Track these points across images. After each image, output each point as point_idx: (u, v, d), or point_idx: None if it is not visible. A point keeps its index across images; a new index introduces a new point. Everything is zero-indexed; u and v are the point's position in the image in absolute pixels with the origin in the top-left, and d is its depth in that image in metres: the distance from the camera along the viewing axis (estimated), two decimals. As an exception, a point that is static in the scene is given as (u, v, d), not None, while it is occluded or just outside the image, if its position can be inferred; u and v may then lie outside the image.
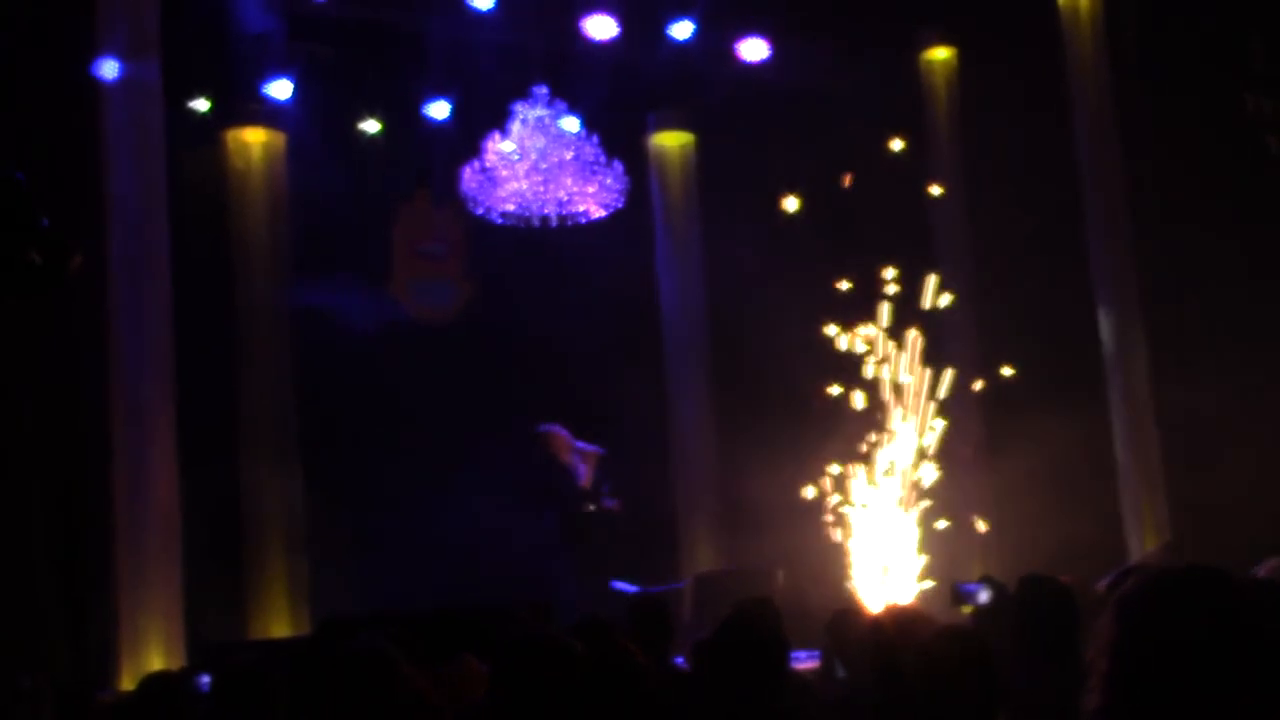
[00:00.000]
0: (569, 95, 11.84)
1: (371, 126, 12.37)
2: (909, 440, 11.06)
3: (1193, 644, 1.86)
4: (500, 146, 11.51)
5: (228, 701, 4.33)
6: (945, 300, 11.47)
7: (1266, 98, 11.36)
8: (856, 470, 11.07)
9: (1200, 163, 11.48)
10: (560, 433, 10.96)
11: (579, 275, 12.58)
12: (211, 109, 11.64)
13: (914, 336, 11.15)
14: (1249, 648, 1.86)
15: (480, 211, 11.73)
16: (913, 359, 11.14)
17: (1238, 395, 10.94)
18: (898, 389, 11.12)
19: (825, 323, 11.30)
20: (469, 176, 11.58)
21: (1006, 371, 11.76)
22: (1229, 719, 1.84)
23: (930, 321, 11.44)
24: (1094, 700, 1.95)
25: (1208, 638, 1.86)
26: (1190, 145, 11.57)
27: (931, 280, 11.32)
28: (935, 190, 11.97)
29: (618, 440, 11.41)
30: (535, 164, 11.52)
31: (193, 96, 11.43)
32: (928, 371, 11.22)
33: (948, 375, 11.14)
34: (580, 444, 11.01)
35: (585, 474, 10.91)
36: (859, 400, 11.08)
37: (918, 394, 11.11)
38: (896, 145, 12.26)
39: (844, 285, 11.32)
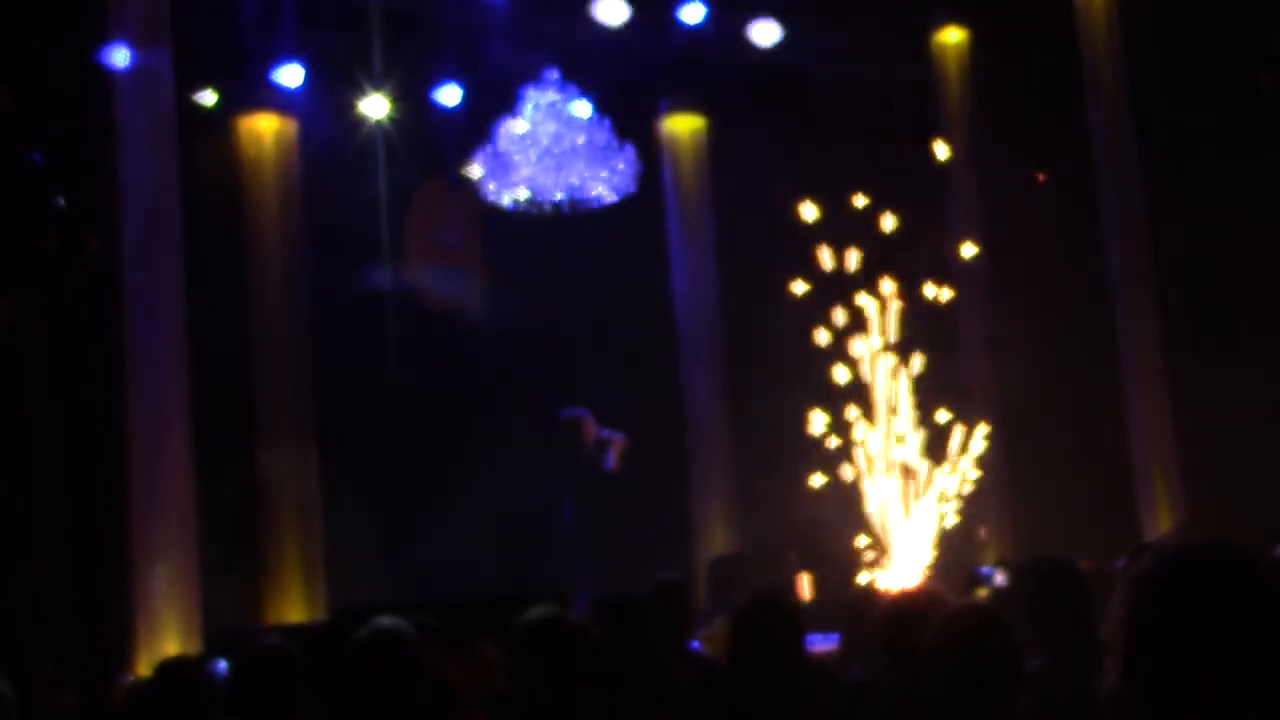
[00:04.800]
0: (580, 79, 11.84)
1: (382, 112, 12.38)
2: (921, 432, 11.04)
3: (1207, 621, 1.87)
4: (512, 127, 11.52)
5: (247, 684, 4.37)
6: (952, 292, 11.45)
7: (1283, 77, 11.34)
8: (872, 456, 11.06)
9: (1217, 143, 11.45)
10: (587, 417, 10.96)
11: (591, 260, 12.59)
12: (222, 97, 11.66)
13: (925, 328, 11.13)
14: (1263, 625, 1.87)
15: (492, 197, 11.74)
16: (925, 348, 11.11)
17: (1256, 375, 10.92)
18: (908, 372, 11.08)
19: (836, 310, 11.28)
20: (482, 162, 11.59)
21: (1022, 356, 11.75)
22: (1245, 697, 1.85)
23: (943, 311, 11.44)
24: (1110, 680, 1.96)
25: (1222, 615, 1.87)
26: (1206, 125, 11.54)
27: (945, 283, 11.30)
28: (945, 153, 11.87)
29: (630, 423, 11.42)
30: (547, 149, 11.52)
31: (203, 85, 11.45)
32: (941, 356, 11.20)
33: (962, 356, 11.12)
34: (604, 431, 11.01)
35: (612, 460, 10.92)
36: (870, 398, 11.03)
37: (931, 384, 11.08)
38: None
39: (853, 268, 11.27)
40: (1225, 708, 1.84)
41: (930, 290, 11.25)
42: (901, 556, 10.68)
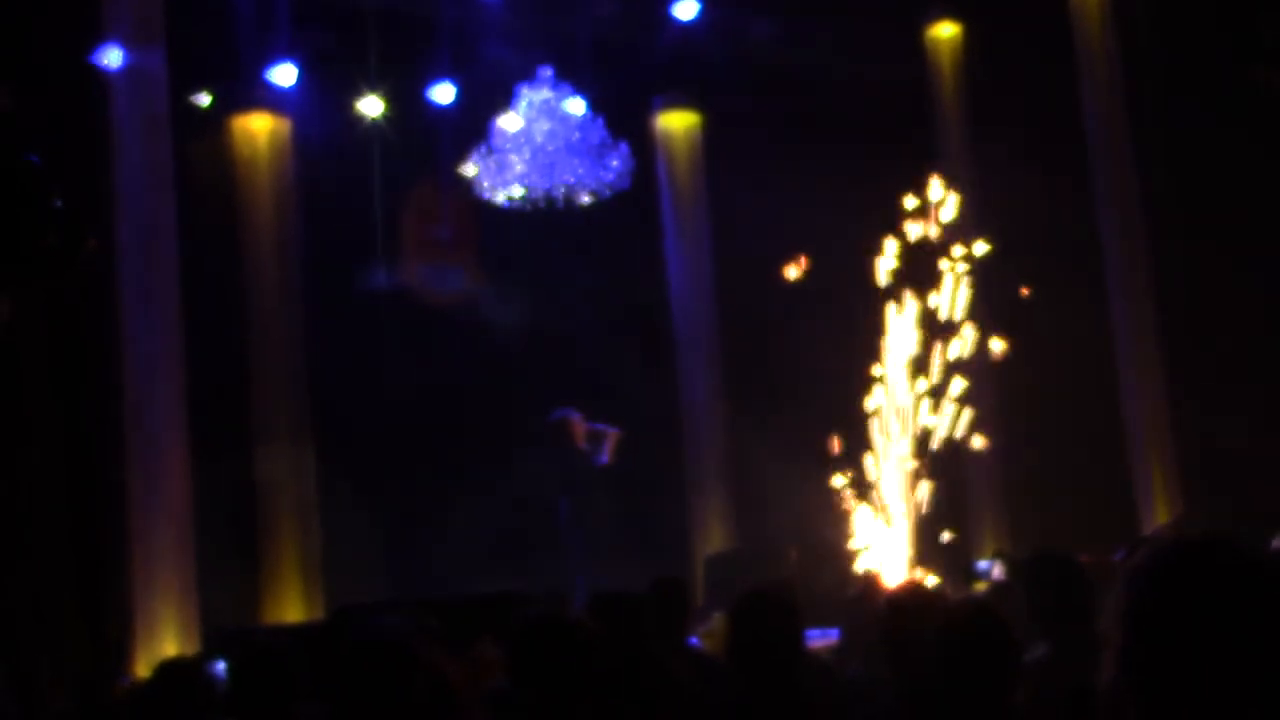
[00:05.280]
0: (574, 77, 11.84)
1: (376, 110, 12.37)
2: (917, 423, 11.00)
3: (1204, 614, 1.87)
4: (506, 125, 11.52)
5: (245, 684, 4.37)
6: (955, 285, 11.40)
7: (1277, 71, 11.33)
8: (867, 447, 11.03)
9: (1213, 137, 11.45)
10: (574, 417, 10.96)
11: (586, 258, 12.59)
12: (216, 97, 11.65)
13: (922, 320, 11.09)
14: (1260, 618, 1.87)
15: (487, 195, 11.73)
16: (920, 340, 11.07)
17: (1254, 368, 10.94)
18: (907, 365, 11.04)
19: (835, 303, 11.25)
20: (476, 159, 11.58)
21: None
22: (1243, 691, 1.85)
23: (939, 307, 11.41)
24: (1108, 673, 1.96)
25: (1219, 608, 1.87)
26: (1202, 119, 11.54)
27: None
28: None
29: (627, 422, 11.42)
30: (541, 147, 11.52)
31: (197, 85, 11.44)
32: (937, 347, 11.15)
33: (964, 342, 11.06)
34: (595, 425, 11.01)
35: (606, 455, 10.93)
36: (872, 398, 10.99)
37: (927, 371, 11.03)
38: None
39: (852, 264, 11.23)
40: (1222, 701, 1.85)
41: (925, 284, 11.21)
42: (897, 549, 10.66)
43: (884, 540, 10.69)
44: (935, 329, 10.58)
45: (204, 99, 11.57)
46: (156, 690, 4.93)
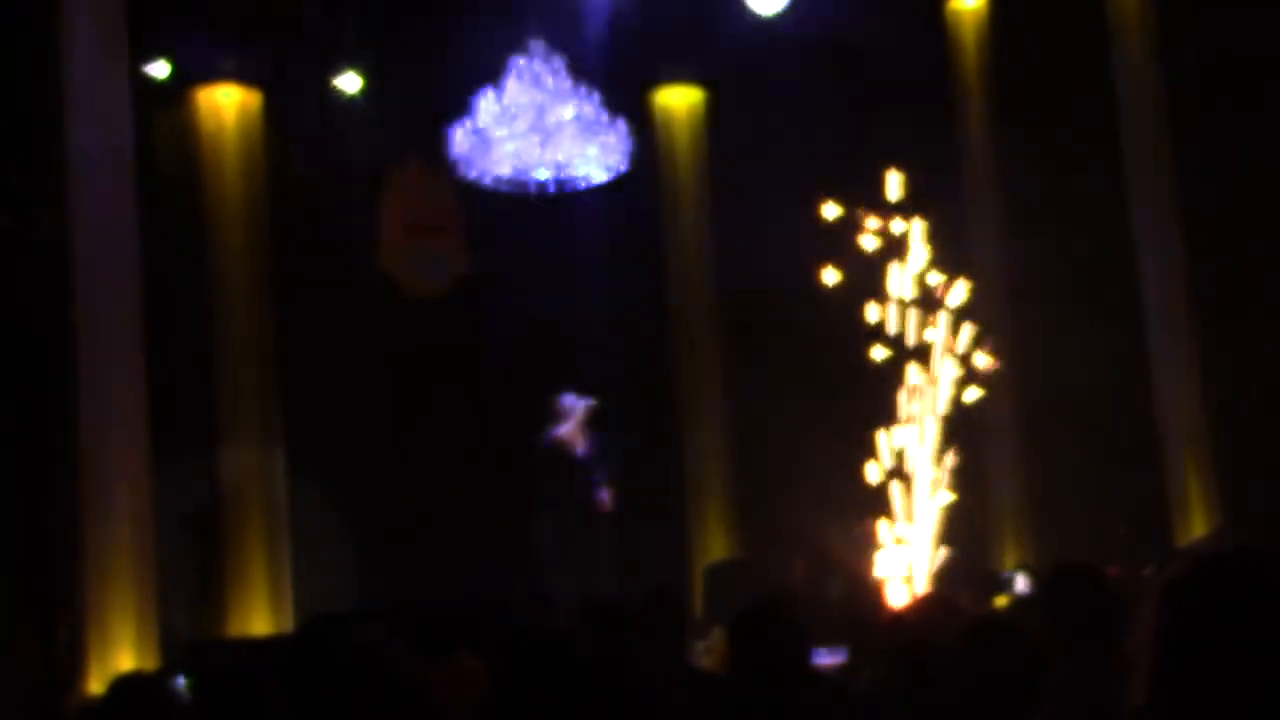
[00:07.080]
0: (568, 49, 11.81)
1: (355, 84, 12.33)
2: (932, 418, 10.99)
3: (1243, 634, 1.87)
4: (494, 101, 11.51)
5: (210, 701, 4.36)
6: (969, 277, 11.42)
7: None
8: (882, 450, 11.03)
9: (1250, 112, 11.45)
10: (565, 434, 10.91)
11: (580, 243, 12.57)
12: (180, 67, 11.61)
13: (943, 306, 11.08)
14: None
15: (473, 175, 11.71)
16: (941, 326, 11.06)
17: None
18: (921, 355, 11.00)
19: (845, 292, 11.22)
20: (461, 138, 11.55)
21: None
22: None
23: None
24: (1138, 697, 1.95)
25: (1259, 627, 1.87)
26: (1239, 92, 11.53)
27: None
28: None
29: (621, 419, 11.41)
30: (532, 123, 11.50)
31: (159, 54, 11.40)
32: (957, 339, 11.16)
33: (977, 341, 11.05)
34: (569, 412, 10.94)
35: (573, 435, 10.89)
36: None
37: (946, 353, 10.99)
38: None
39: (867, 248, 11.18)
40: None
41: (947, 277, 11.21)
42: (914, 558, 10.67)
43: (901, 552, 10.69)
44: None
45: (163, 69, 11.50)
46: (111, 707, 4.92)
